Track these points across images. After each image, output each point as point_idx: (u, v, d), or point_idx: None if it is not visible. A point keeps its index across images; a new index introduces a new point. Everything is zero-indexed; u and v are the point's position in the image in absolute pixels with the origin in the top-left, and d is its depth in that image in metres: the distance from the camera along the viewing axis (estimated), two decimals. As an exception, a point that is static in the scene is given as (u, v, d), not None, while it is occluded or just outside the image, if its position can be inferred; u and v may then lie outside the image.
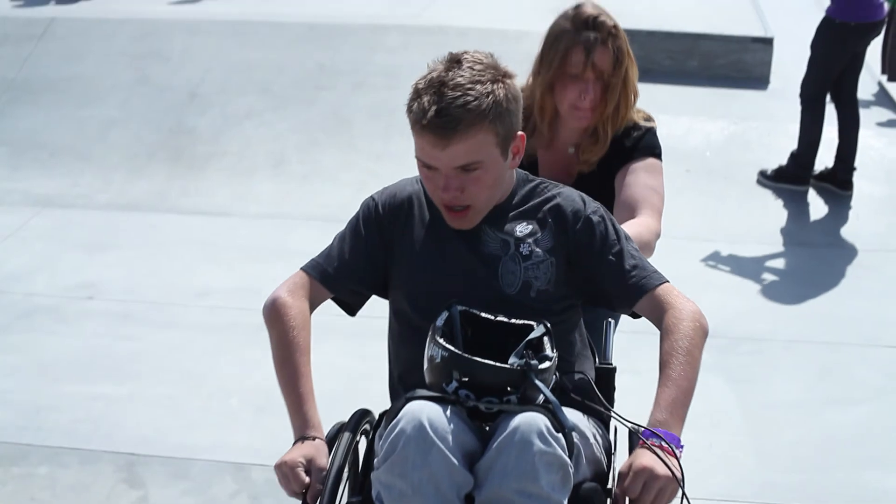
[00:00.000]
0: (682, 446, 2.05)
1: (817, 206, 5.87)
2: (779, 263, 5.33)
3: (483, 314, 2.16)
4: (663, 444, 2.02)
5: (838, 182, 5.91)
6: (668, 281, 2.29)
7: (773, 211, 5.79)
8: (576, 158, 2.95)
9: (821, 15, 5.89)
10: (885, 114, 6.97)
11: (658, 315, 2.24)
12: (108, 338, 4.50)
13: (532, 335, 2.10)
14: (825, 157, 5.97)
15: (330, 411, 2.27)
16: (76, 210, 5.87)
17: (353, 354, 4.22)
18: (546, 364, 2.04)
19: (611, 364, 2.67)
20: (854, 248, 5.45)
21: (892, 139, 6.60)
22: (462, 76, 2.14)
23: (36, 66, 7.27)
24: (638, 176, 2.86)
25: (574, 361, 2.36)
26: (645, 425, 2.04)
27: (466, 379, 2.00)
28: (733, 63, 7.45)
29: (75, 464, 3.61)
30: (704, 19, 7.85)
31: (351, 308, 2.42)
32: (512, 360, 2.03)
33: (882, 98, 7.29)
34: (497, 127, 2.16)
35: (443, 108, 2.11)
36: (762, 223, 5.71)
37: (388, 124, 6.47)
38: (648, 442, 2.01)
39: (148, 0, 8.62)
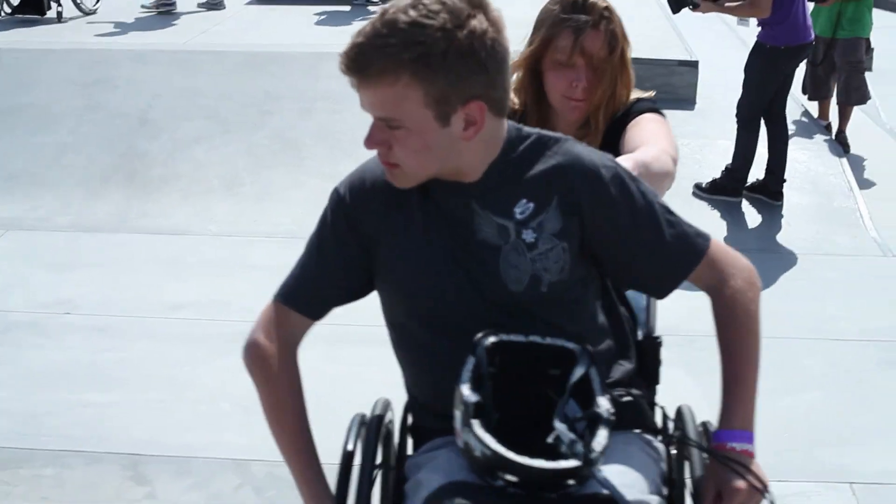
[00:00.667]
0: (753, 441, 1.92)
1: (751, 216, 6.23)
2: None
3: (512, 337, 1.86)
4: (746, 448, 1.88)
5: (770, 193, 6.28)
6: (711, 238, 2.01)
7: (711, 220, 6.13)
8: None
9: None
10: (807, 130, 7.40)
11: (711, 283, 2.00)
12: (90, 350, 4.65)
13: (574, 377, 1.83)
14: (755, 171, 6.33)
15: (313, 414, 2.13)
16: (39, 232, 5.99)
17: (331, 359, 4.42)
18: (601, 441, 1.74)
19: (655, 336, 2.43)
20: (789, 253, 5.81)
21: (815, 153, 7.02)
22: (408, 14, 1.76)
23: (-14, 95, 7.38)
24: (641, 127, 2.55)
25: (602, 341, 2.03)
26: (727, 444, 1.89)
27: (515, 479, 1.73)
28: (662, 85, 7.81)
29: (80, 465, 3.76)
30: (633, 45, 8.18)
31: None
32: (558, 427, 1.76)
33: (804, 115, 7.73)
34: (424, 83, 1.77)
35: (358, 44, 1.78)
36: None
37: (334, 146, 6.69)
38: (729, 450, 1.87)
39: (91, 31, 8.77)
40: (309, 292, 2.03)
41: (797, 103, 7.81)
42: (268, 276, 2.31)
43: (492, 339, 1.83)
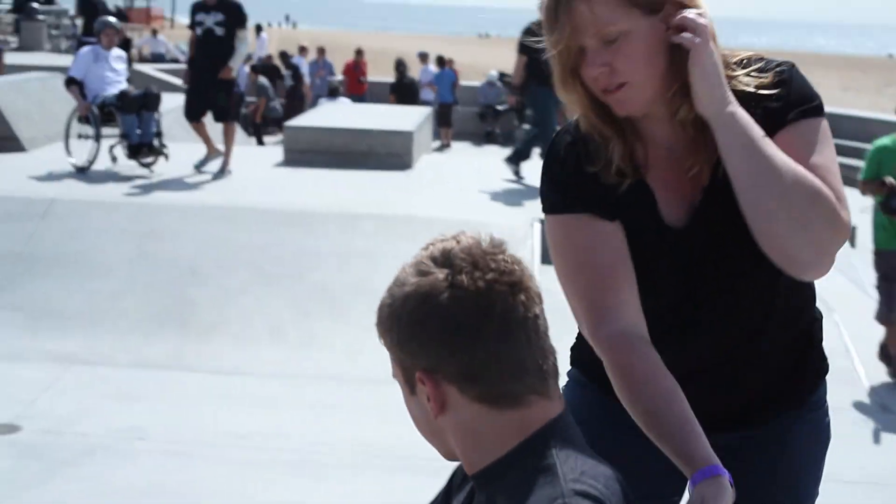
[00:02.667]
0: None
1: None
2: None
3: None
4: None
5: None
6: None
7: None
8: (681, 164, 2.07)
9: None
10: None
11: None
12: (164, 471, 5.10)
13: None
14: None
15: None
16: (101, 367, 6.47)
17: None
18: None
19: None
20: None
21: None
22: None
23: (41, 242, 7.91)
24: (807, 145, 2.02)
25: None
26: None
27: None
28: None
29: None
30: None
31: None
32: None
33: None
34: (387, 339, 1.68)
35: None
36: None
37: (372, 301, 7.21)
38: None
39: (138, 184, 9.43)
40: None
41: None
42: (321, 413, 2.70)
43: None
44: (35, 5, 27.96)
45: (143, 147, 10.15)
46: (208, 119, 10.45)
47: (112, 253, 7.80)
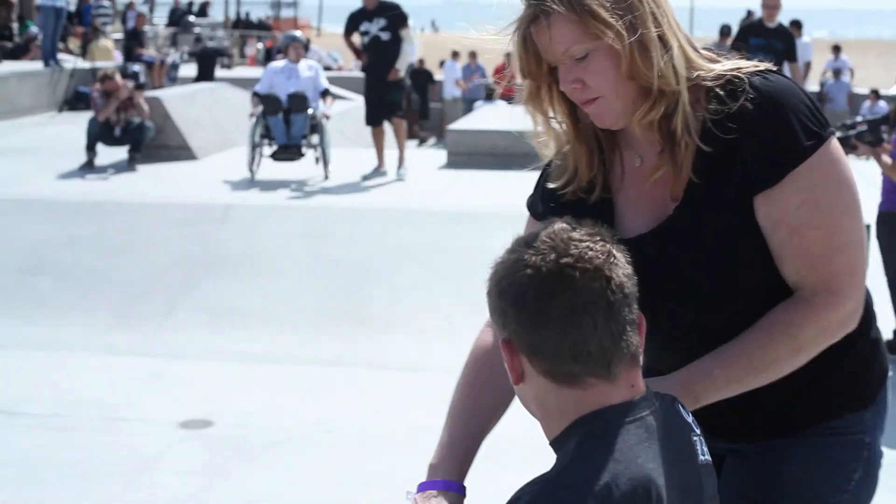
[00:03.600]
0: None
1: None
2: None
3: None
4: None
5: None
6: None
7: None
8: (651, 174, 2.02)
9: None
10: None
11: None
12: (352, 460, 5.26)
13: None
14: None
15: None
16: (286, 364, 6.69)
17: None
18: None
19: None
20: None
21: None
22: None
23: (219, 245, 8.21)
24: (799, 213, 1.93)
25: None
26: None
27: None
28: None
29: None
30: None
31: None
32: None
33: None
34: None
35: None
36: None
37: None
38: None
39: (307, 189, 9.73)
40: None
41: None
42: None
43: None
44: (191, 18, 28.80)
45: (290, 148, 10.49)
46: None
47: (287, 254, 8.04)
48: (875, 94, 19.79)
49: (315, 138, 10.52)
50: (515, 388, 1.78)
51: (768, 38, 8.83)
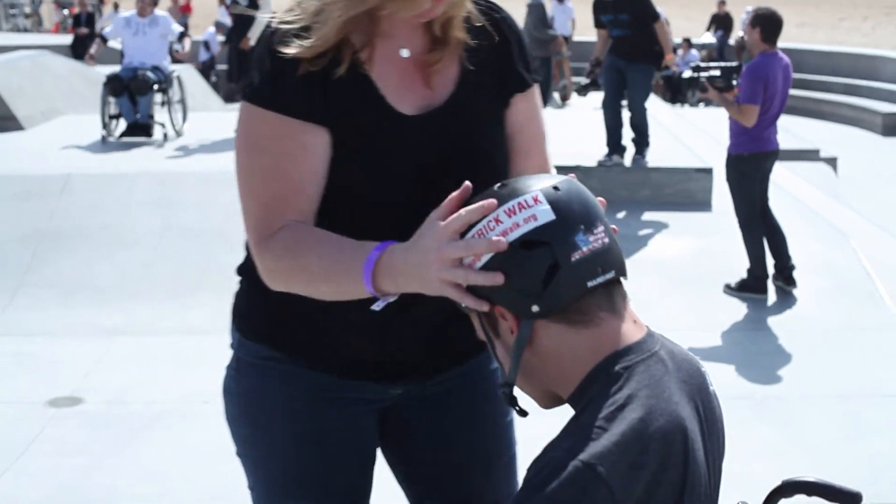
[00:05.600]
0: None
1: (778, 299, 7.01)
2: (772, 341, 6.38)
3: None
4: None
5: (784, 279, 7.04)
6: None
7: (742, 313, 6.89)
8: (420, 68, 2.07)
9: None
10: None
11: None
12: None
13: None
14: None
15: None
16: (149, 336, 6.55)
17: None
18: None
19: None
20: (820, 327, 6.58)
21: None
22: None
23: (63, 218, 7.96)
24: (538, 119, 2.22)
25: None
26: None
27: None
28: (680, 191, 8.62)
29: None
30: (651, 156, 9.09)
31: None
32: None
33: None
34: None
35: None
36: (740, 314, 6.79)
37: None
38: None
39: (152, 155, 9.49)
40: None
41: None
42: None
43: None
44: (-9, -16, 27.69)
45: (138, 126, 10.51)
46: None
47: (138, 224, 7.86)
48: (687, 43, 20.39)
49: (164, 112, 10.47)
50: (504, 363, 1.78)
51: (615, 13, 8.97)
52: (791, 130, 14.73)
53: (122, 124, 10.77)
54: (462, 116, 2.07)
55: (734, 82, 6.88)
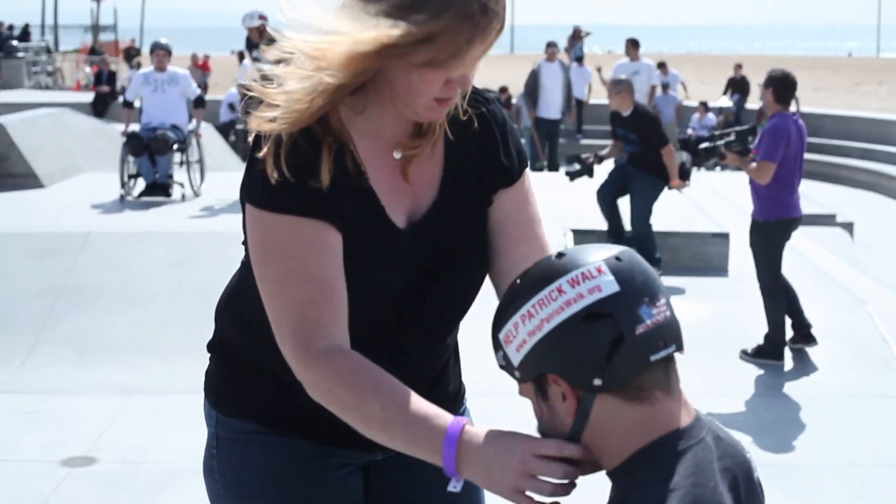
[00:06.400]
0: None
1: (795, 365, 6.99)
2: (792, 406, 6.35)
3: None
4: None
5: (803, 337, 7.01)
6: None
7: (755, 379, 6.88)
8: (404, 162, 2.07)
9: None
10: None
11: None
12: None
13: None
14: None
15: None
16: (163, 395, 6.55)
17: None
18: None
19: None
20: (836, 394, 6.54)
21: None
22: None
23: (81, 275, 7.99)
24: (529, 205, 2.18)
25: None
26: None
27: None
28: (696, 255, 8.63)
29: None
30: (667, 221, 9.12)
31: None
32: None
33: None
34: None
35: None
36: (757, 380, 6.76)
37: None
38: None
39: (170, 214, 9.54)
40: None
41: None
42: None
43: None
44: (14, 43, 28.00)
45: (157, 186, 10.62)
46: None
47: (154, 283, 7.88)
48: (704, 106, 20.46)
49: (182, 172, 10.62)
50: (549, 428, 1.78)
51: (626, 130, 9.07)
52: (807, 195, 14.73)
53: (140, 183, 10.86)
54: (448, 221, 2.07)
55: (750, 146, 6.93)
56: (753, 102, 21.17)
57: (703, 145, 7.22)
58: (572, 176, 9.33)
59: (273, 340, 2.02)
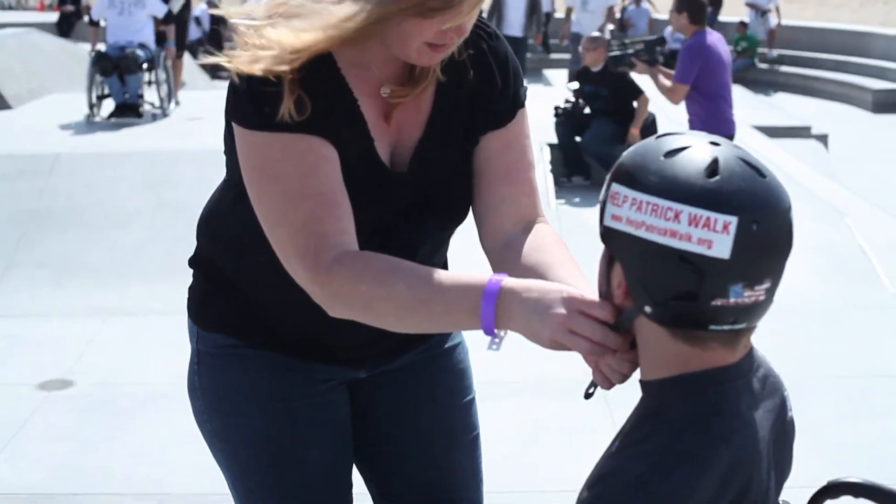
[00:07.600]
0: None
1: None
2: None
3: None
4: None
5: None
6: None
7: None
8: (387, 113, 2.03)
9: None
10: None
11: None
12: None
13: None
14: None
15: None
16: (141, 317, 6.49)
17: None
18: None
19: None
20: (817, 307, 6.54)
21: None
22: None
23: (53, 197, 7.88)
24: (520, 146, 2.10)
25: None
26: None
27: None
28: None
29: None
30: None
31: None
32: None
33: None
34: None
35: None
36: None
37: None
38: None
39: (142, 134, 9.41)
40: None
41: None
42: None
43: None
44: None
45: (127, 107, 10.42)
46: None
47: (129, 204, 7.78)
48: (677, 19, 20.28)
49: (152, 91, 10.46)
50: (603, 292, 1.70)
51: (595, 85, 9.03)
52: (781, 107, 14.75)
53: (109, 104, 10.68)
54: (430, 167, 2.03)
55: (658, 56, 6.94)
56: (727, 15, 21.02)
57: (613, 53, 7.25)
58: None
59: (245, 256, 2.03)
